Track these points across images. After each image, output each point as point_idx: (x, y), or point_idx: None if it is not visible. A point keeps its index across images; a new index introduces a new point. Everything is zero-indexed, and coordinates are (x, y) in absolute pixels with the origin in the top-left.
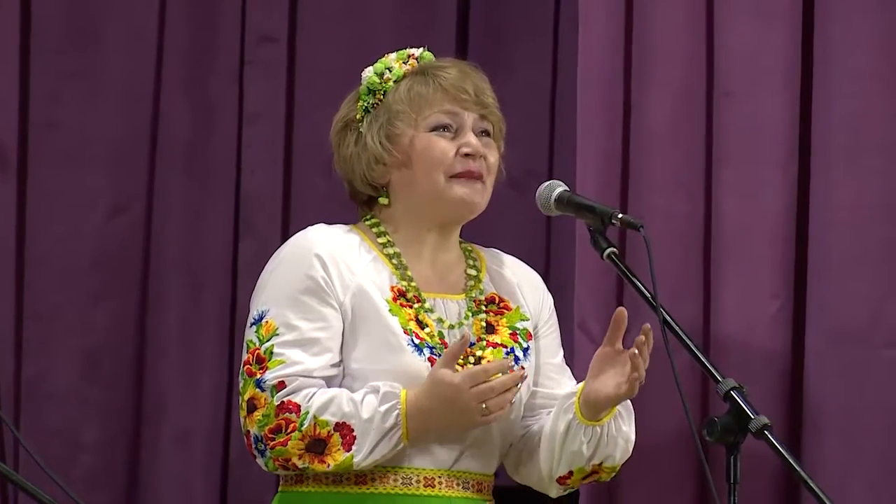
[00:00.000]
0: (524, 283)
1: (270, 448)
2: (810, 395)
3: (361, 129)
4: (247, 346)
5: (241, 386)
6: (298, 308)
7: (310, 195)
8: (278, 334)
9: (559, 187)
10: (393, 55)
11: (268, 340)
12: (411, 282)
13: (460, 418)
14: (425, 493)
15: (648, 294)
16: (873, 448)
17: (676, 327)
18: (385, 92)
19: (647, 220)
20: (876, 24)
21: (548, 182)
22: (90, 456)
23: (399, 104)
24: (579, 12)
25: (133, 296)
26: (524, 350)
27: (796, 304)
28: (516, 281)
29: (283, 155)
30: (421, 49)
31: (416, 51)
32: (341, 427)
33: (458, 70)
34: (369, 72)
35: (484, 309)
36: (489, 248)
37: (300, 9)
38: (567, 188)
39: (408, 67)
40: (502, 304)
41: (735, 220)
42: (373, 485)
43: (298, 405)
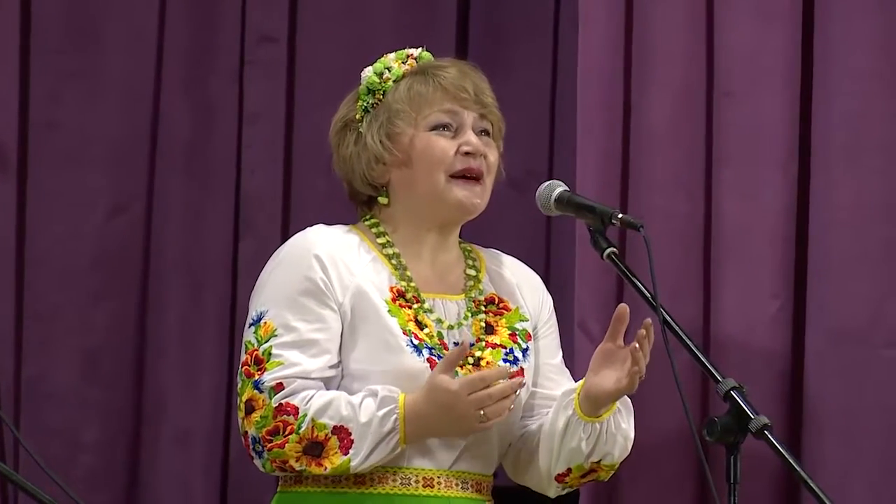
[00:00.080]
0: (524, 284)
1: (268, 450)
2: (810, 395)
3: (361, 129)
4: (245, 347)
5: (240, 387)
6: (297, 309)
7: (310, 195)
8: (277, 335)
9: (559, 187)
10: (392, 55)
11: (266, 341)
12: (410, 282)
13: (458, 424)
14: (424, 494)
15: (648, 294)
16: (873, 448)
17: (676, 327)
18: (385, 92)
19: (647, 220)
20: (876, 24)
21: (548, 182)
22: (90, 456)
23: (399, 103)
24: (579, 12)
25: (133, 296)
26: (523, 351)
27: (796, 304)
28: (516, 281)
29: (283, 155)
30: (420, 49)
31: (415, 51)
32: (339, 430)
33: (458, 69)
34: (369, 72)
35: (483, 309)
36: (488, 249)
37: (300, 9)
38: (567, 188)
39: (407, 67)
40: (502, 305)
41: (735, 220)
42: (372, 485)
43: (297, 407)
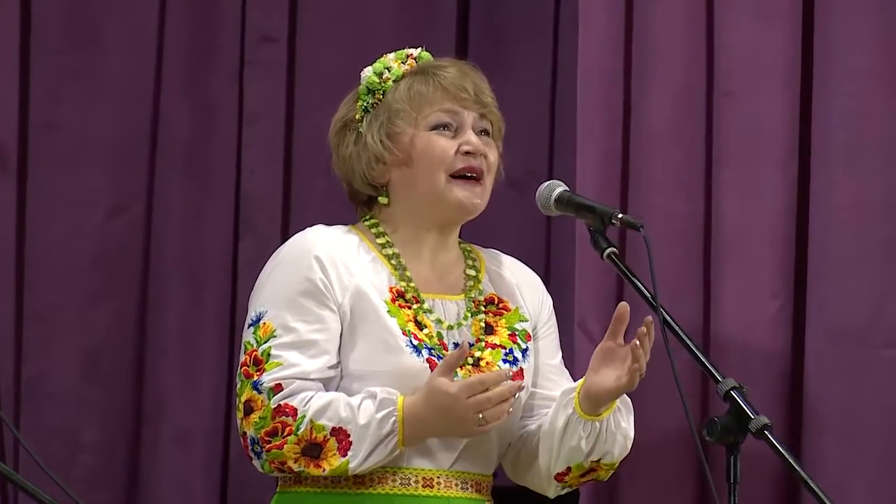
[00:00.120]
0: (523, 284)
1: (266, 451)
2: (810, 395)
3: (361, 129)
4: (244, 348)
5: (238, 387)
6: (296, 310)
7: (310, 195)
8: (276, 336)
9: (559, 187)
10: (391, 55)
11: (265, 342)
12: (410, 282)
13: (457, 427)
14: (424, 494)
15: (648, 294)
16: (873, 448)
17: (676, 327)
18: (384, 91)
19: (647, 220)
20: (876, 24)
21: (548, 182)
22: (90, 456)
23: (399, 103)
24: (579, 12)
25: (133, 296)
26: (523, 351)
27: (796, 304)
28: (515, 282)
29: (283, 155)
30: (419, 49)
31: (415, 51)
32: (338, 432)
33: (458, 69)
34: (368, 71)
35: (483, 309)
36: (488, 249)
37: (300, 9)
38: (567, 188)
39: (407, 67)
40: (501, 305)
41: (735, 220)
42: (371, 486)
43: (295, 409)
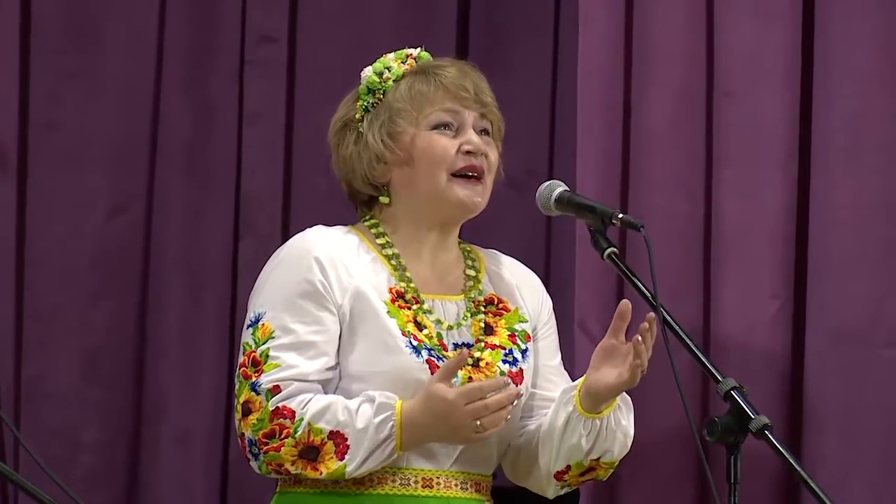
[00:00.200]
0: (523, 285)
1: (264, 452)
2: (810, 395)
3: (361, 129)
4: (243, 349)
5: (237, 388)
6: (295, 311)
7: (310, 195)
8: (274, 337)
9: (559, 187)
10: (391, 55)
11: (263, 343)
12: (410, 283)
13: (454, 434)
14: (423, 494)
15: (649, 294)
16: (873, 448)
17: (676, 327)
18: (385, 91)
19: (647, 220)
20: (876, 24)
21: (548, 182)
22: (90, 456)
23: (400, 102)
24: (579, 12)
25: (133, 296)
26: (522, 352)
27: (796, 304)
28: (515, 282)
29: (283, 155)
30: (418, 49)
31: (414, 51)
32: (335, 436)
33: (458, 69)
34: (368, 71)
35: (483, 310)
36: (487, 249)
37: (300, 9)
38: (567, 188)
39: (406, 67)
40: (501, 306)
41: (735, 220)
42: (371, 486)
43: (293, 411)
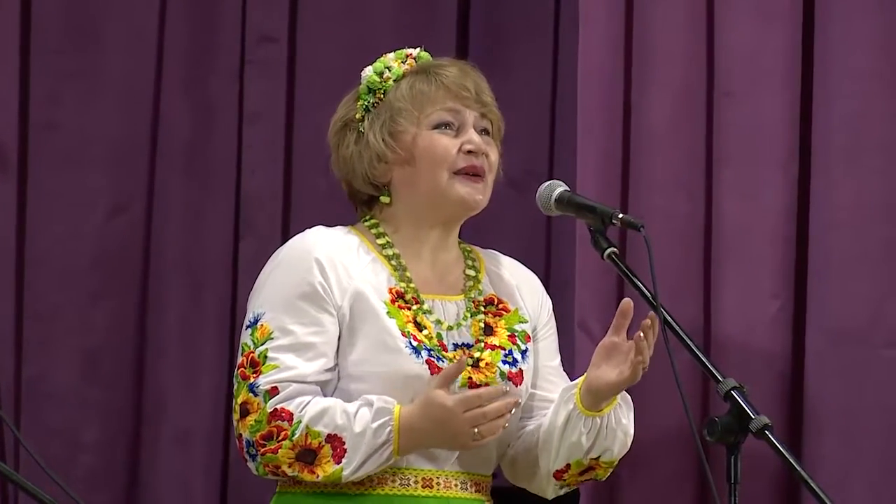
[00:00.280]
0: (523, 285)
1: (261, 454)
2: (810, 395)
3: (362, 129)
4: (241, 349)
5: (235, 389)
6: (294, 313)
7: (310, 195)
8: (273, 338)
9: (559, 187)
10: (391, 55)
11: (262, 344)
12: (410, 283)
13: (452, 440)
14: (423, 494)
15: (649, 294)
16: (873, 448)
17: (677, 327)
18: (385, 91)
19: (648, 220)
20: (876, 24)
21: (548, 182)
22: (90, 456)
23: (401, 102)
24: (579, 12)
25: (133, 296)
26: (522, 352)
27: (796, 304)
28: (515, 283)
29: (283, 155)
30: (418, 49)
31: (414, 51)
32: (333, 439)
33: (458, 69)
34: (369, 71)
35: (483, 310)
36: (487, 250)
37: (300, 9)
38: (567, 188)
39: (407, 67)
40: (501, 306)
41: (735, 220)
42: (371, 486)
43: (291, 413)
